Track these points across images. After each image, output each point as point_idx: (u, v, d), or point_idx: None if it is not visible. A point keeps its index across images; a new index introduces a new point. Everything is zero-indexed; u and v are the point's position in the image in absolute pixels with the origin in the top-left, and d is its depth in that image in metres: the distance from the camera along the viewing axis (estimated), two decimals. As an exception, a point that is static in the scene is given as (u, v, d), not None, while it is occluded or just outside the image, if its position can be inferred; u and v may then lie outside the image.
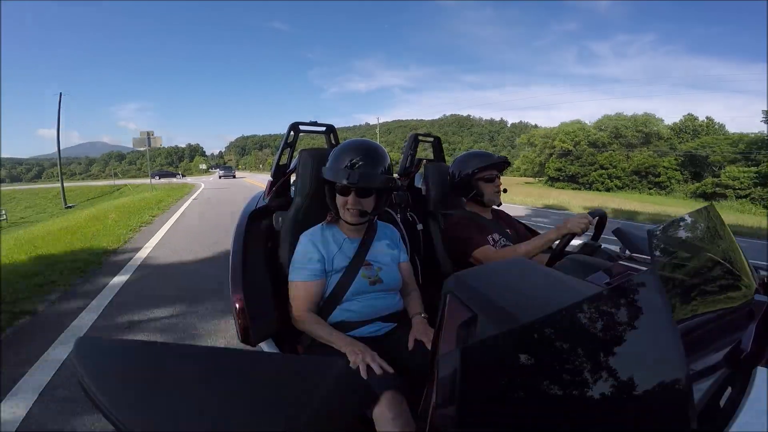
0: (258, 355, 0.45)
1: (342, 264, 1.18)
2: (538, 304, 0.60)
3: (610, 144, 36.24)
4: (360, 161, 1.14)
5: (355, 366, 0.92)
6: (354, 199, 1.15)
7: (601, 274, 0.96)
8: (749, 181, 27.38)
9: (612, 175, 35.41)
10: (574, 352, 0.43)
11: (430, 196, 1.95)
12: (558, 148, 37.20)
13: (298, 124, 1.72)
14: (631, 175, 35.13)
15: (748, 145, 29.37)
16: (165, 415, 0.35)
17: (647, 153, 34.55)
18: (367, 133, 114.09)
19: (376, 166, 1.16)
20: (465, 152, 1.82)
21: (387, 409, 0.83)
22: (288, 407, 0.36)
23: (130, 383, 0.37)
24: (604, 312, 0.45)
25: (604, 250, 1.39)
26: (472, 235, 1.59)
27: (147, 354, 0.39)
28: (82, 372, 0.37)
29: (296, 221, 1.38)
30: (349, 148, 1.19)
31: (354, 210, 1.15)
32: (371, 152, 1.17)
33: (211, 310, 2.77)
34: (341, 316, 1.16)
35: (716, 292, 0.75)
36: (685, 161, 32.63)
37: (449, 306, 0.60)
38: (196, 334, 2.43)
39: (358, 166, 1.13)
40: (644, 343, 0.43)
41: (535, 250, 1.44)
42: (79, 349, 0.39)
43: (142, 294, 3.12)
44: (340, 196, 1.17)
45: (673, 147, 34.59)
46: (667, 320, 0.43)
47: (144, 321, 2.63)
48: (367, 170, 1.13)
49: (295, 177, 1.54)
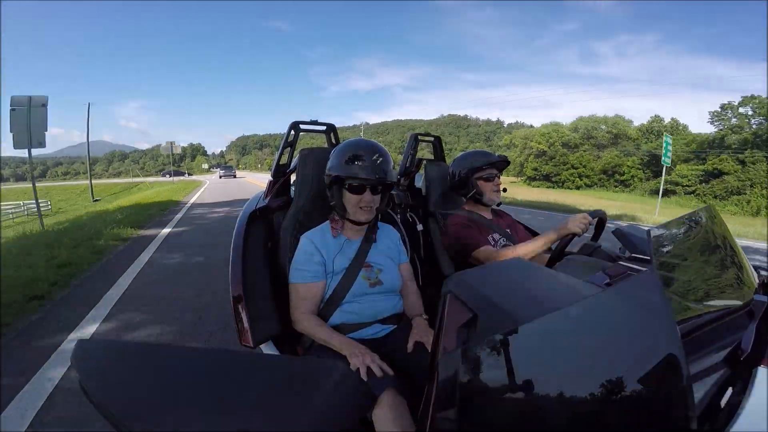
0: (258, 356, 0.45)
1: (342, 265, 1.18)
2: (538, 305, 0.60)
3: (582, 144, 39.63)
4: (380, 158, 1.15)
5: (356, 368, 0.92)
6: (370, 196, 1.16)
7: (601, 274, 0.96)
8: (695, 178, 30.91)
9: (582, 174, 38.53)
10: (574, 352, 0.43)
11: (430, 196, 1.95)
12: (534, 149, 41.05)
13: (298, 123, 1.72)
14: (599, 174, 38.05)
15: (700, 145, 31.85)
16: (165, 416, 0.35)
17: (614, 153, 37.76)
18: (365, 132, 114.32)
19: (388, 163, 1.18)
20: (465, 152, 1.82)
21: (387, 411, 0.83)
22: (288, 409, 0.36)
23: (131, 385, 0.37)
24: (604, 312, 0.45)
25: (604, 250, 1.39)
26: (472, 235, 1.59)
27: (147, 356, 0.39)
28: (83, 374, 0.37)
29: (296, 221, 1.38)
30: (361, 146, 1.19)
31: (369, 207, 1.17)
32: (383, 150, 1.19)
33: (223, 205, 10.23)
34: (341, 318, 1.15)
35: (716, 292, 0.75)
36: (650, 160, 34.86)
37: (449, 306, 0.60)
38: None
39: (379, 163, 1.14)
40: (644, 344, 0.43)
41: (535, 250, 1.44)
42: (79, 351, 0.39)
43: (198, 203, 10.91)
44: (353, 194, 1.17)
45: (639, 147, 37.45)
46: (667, 320, 0.43)
47: (204, 209, 9.41)
48: (386, 166, 1.16)
49: (295, 177, 1.54)
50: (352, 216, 1.19)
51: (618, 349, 0.43)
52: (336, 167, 1.17)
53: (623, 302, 0.46)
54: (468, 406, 0.39)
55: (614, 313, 0.45)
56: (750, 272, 0.80)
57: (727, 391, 0.55)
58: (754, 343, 0.58)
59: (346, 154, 1.17)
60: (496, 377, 0.41)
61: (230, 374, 0.38)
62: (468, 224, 1.64)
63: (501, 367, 0.41)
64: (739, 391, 0.53)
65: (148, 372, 0.38)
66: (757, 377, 0.54)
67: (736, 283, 0.76)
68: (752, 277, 0.79)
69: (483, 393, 0.40)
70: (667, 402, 0.39)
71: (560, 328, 0.42)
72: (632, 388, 0.41)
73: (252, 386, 0.37)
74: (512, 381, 0.40)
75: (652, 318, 0.44)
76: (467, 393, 0.39)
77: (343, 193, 1.18)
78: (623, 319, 0.44)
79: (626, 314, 0.45)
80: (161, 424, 0.35)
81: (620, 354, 0.42)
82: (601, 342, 0.43)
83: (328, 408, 0.38)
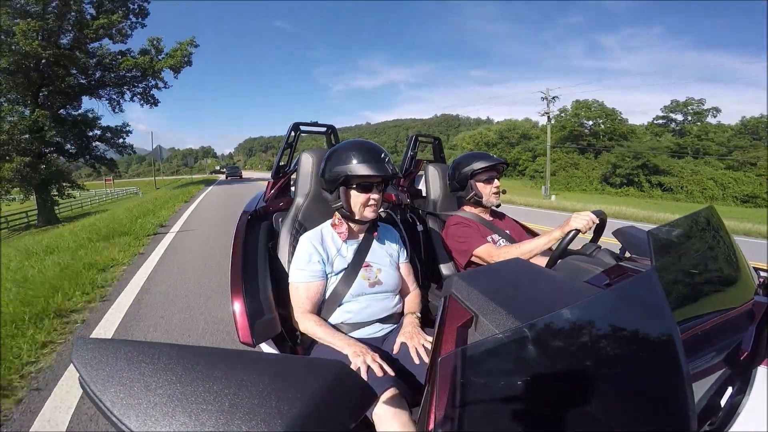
0: (258, 355, 0.45)
1: (342, 265, 1.18)
2: (538, 306, 0.60)
3: (497, 143, 48.56)
4: (386, 156, 1.17)
5: (356, 367, 0.92)
6: (378, 195, 1.18)
7: (601, 275, 0.96)
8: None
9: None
10: (574, 353, 0.43)
11: (430, 196, 1.95)
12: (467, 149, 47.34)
13: (299, 125, 1.72)
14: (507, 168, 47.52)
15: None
16: (165, 415, 0.35)
17: (518, 149, 47.25)
18: (365, 132, 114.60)
19: (391, 161, 1.19)
20: (465, 153, 1.82)
21: (387, 410, 0.83)
22: (288, 408, 0.36)
23: (131, 383, 0.37)
24: (604, 313, 0.45)
25: (604, 251, 1.39)
26: (472, 236, 1.59)
27: (147, 354, 0.39)
28: (83, 372, 0.37)
29: (296, 222, 1.38)
30: (366, 147, 1.18)
31: (375, 205, 1.18)
32: (382, 149, 1.20)
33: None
34: (341, 318, 1.16)
35: (716, 292, 0.75)
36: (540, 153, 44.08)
37: (449, 307, 0.60)
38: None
39: (387, 161, 1.16)
40: (644, 344, 0.43)
41: (538, 248, 1.44)
42: (79, 349, 0.39)
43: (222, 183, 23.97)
44: (360, 193, 1.17)
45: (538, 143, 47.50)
46: (668, 321, 0.43)
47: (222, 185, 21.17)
48: (392, 164, 1.17)
49: (295, 177, 1.54)
50: (358, 215, 1.19)
51: (617, 349, 0.43)
52: (344, 168, 1.14)
53: (623, 302, 0.46)
54: (467, 406, 0.39)
55: (614, 314, 0.45)
56: (750, 273, 0.80)
57: (727, 391, 0.55)
58: (754, 344, 0.58)
59: (353, 155, 1.15)
60: (496, 378, 0.41)
61: (230, 373, 0.39)
62: (467, 225, 1.64)
63: (500, 367, 0.41)
64: (739, 391, 0.53)
65: (148, 370, 0.38)
66: (757, 377, 0.54)
67: (735, 284, 0.76)
68: (752, 278, 0.79)
69: (482, 393, 0.40)
70: (667, 402, 0.39)
71: (559, 329, 0.42)
72: (632, 388, 0.41)
73: (252, 385, 0.38)
74: (511, 381, 0.40)
75: (652, 318, 0.44)
76: (467, 393, 0.39)
77: (350, 194, 1.18)
78: (623, 319, 0.44)
79: (626, 315, 0.45)
80: (161, 422, 0.35)
81: (620, 354, 0.42)
82: (601, 342, 0.43)
83: (328, 407, 0.38)
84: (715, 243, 0.81)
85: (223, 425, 0.35)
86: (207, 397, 0.36)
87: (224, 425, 0.35)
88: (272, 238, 1.42)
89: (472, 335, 0.56)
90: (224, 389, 0.37)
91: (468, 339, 0.55)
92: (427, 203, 1.97)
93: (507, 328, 0.47)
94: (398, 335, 1.11)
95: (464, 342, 0.54)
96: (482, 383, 0.41)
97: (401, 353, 1.06)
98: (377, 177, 1.15)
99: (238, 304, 1.10)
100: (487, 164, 1.66)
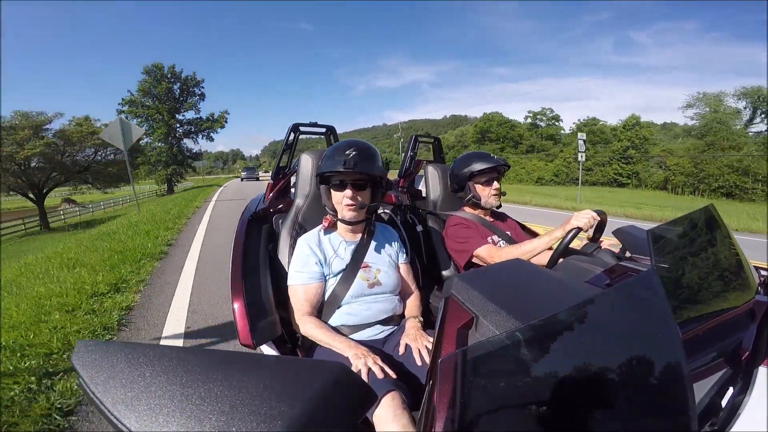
0: (258, 357, 0.45)
1: (340, 266, 1.18)
2: (538, 306, 0.60)
3: (476, 142, 49.38)
4: (353, 151, 1.15)
5: (357, 369, 0.92)
6: (351, 193, 1.16)
7: (601, 275, 0.96)
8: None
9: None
10: (575, 353, 0.42)
11: (430, 197, 1.95)
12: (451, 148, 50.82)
13: (298, 125, 1.72)
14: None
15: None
16: (165, 416, 0.35)
17: (491, 147, 47.47)
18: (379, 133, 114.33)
19: (368, 158, 1.17)
20: (465, 154, 1.82)
21: (388, 412, 0.82)
22: (288, 409, 0.36)
23: (131, 385, 0.37)
24: (605, 313, 0.45)
25: (604, 250, 1.38)
26: (472, 236, 1.58)
27: (148, 356, 0.39)
28: (83, 374, 0.37)
29: (296, 223, 1.38)
30: (341, 144, 1.21)
31: (352, 204, 1.16)
32: (363, 145, 1.20)
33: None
34: (340, 320, 1.15)
35: (717, 292, 0.75)
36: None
37: (449, 308, 0.60)
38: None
39: (352, 156, 1.14)
40: (644, 344, 0.43)
41: (540, 247, 1.43)
42: (80, 351, 0.39)
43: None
44: (337, 192, 1.18)
45: (521, 142, 49.07)
46: (668, 320, 0.43)
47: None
48: (361, 159, 1.15)
49: (295, 179, 1.54)
50: (340, 215, 1.20)
51: (618, 349, 0.43)
52: (320, 166, 1.20)
53: (623, 302, 0.46)
54: (468, 408, 0.39)
55: (614, 314, 0.45)
56: (750, 272, 0.80)
57: (728, 391, 0.55)
58: (755, 344, 0.58)
59: (330, 153, 1.19)
60: (496, 378, 0.41)
61: (230, 375, 0.39)
62: (468, 226, 1.63)
63: (501, 368, 0.41)
64: (739, 391, 0.53)
65: (149, 372, 0.38)
66: (758, 377, 0.54)
67: (736, 283, 0.76)
68: (753, 278, 0.79)
69: (483, 394, 0.40)
70: (667, 402, 0.39)
71: (560, 329, 0.42)
72: (632, 388, 0.41)
73: (252, 387, 0.38)
74: (512, 382, 0.40)
75: (652, 318, 0.44)
76: (467, 394, 0.39)
77: (331, 193, 1.20)
78: (623, 319, 0.44)
79: (626, 314, 0.45)
80: (162, 424, 0.35)
81: (620, 354, 0.42)
82: (601, 342, 0.43)
83: (328, 409, 0.38)
84: (715, 242, 0.81)
85: (224, 426, 0.35)
86: (207, 398, 0.36)
87: (224, 426, 0.35)
88: (272, 240, 1.42)
89: (472, 336, 0.56)
90: (224, 391, 0.37)
91: (468, 340, 0.55)
92: (427, 204, 1.97)
93: (507, 329, 0.47)
94: (402, 337, 1.11)
95: (465, 343, 0.54)
96: (483, 384, 0.41)
97: (402, 355, 1.06)
98: (342, 173, 1.15)
99: (239, 306, 1.10)
100: (486, 166, 1.64)
